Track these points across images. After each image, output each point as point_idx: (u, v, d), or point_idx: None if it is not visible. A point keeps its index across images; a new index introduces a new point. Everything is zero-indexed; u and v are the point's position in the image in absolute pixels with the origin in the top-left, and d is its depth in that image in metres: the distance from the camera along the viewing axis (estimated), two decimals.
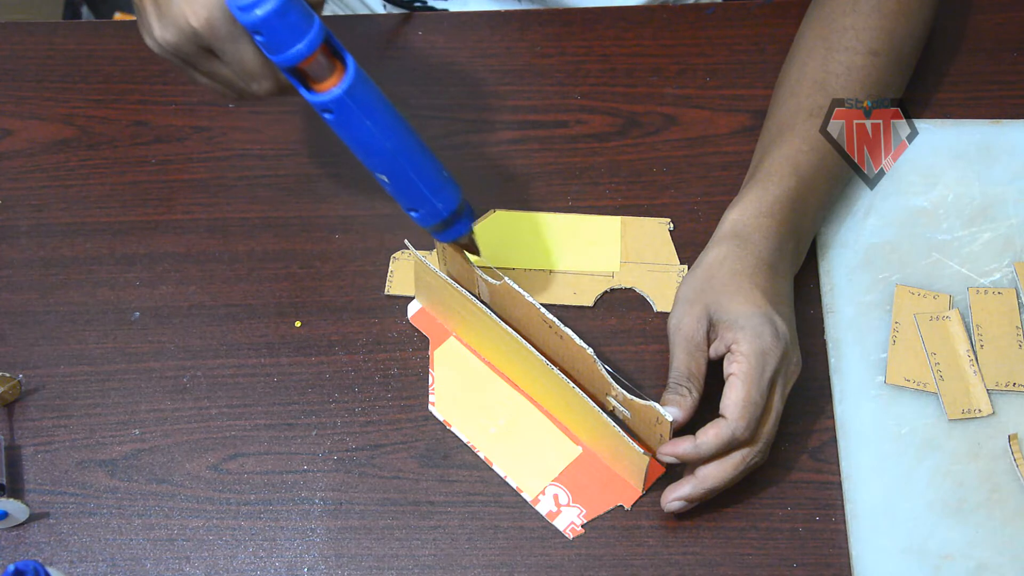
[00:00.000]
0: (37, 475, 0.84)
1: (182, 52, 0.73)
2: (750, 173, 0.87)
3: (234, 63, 0.72)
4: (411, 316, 0.88)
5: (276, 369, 0.87)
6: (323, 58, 0.70)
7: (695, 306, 0.80)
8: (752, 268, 0.81)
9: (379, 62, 0.99)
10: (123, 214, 0.93)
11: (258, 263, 0.91)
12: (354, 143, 0.74)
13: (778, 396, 0.79)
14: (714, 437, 0.77)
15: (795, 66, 0.90)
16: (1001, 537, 0.81)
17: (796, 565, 0.81)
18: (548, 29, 1.00)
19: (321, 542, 0.82)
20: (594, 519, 0.82)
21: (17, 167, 0.95)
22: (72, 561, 0.81)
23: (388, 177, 0.76)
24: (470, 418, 0.85)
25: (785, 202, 0.84)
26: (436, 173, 0.78)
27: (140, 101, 0.97)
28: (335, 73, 0.71)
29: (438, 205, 0.78)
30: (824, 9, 0.91)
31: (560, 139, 0.96)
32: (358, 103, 0.72)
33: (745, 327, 0.78)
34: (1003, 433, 0.83)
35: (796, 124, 0.87)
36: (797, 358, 0.81)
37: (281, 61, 0.69)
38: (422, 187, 0.77)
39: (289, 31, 0.68)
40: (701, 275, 0.82)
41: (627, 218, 0.92)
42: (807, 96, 0.88)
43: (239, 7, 0.67)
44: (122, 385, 0.87)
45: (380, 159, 0.75)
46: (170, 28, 0.71)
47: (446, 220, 0.80)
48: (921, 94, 0.96)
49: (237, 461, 0.84)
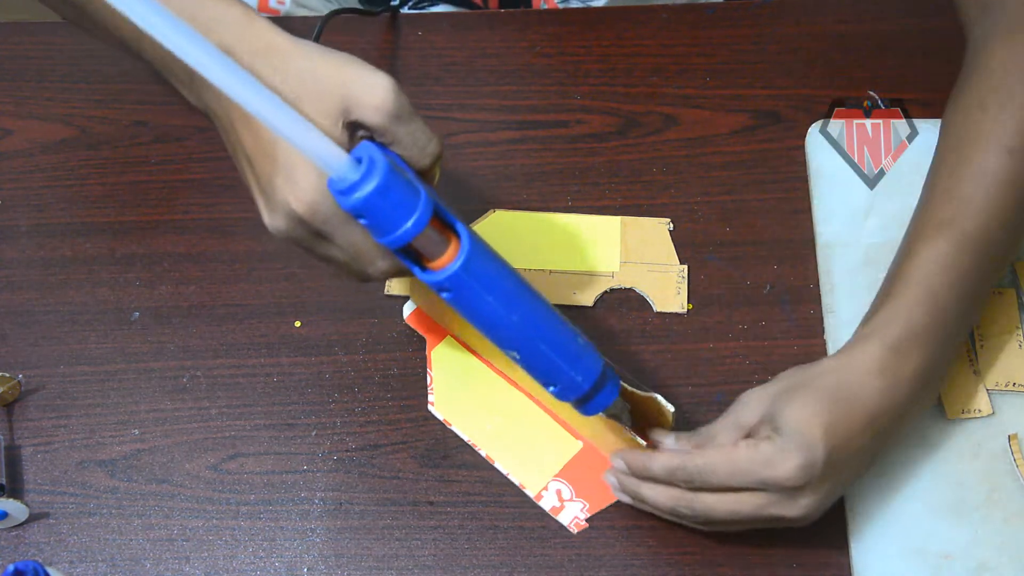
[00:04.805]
0: (37, 475, 0.84)
1: (294, 237, 0.69)
2: (880, 294, 0.81)
3: (346, 246, 0.68)
4: (407, 317, 0.88)
5: (276, 369, 0.87)
6: (434, 233, 0.65)
7: (766, 402, 0.76)
8: (842, 404, 0.75)
9: (379, 62, 0.99)
10: (123, 214, 0.93)
11: (258, 263, 0.91)
12: (477, 320, 0.68)
13: (750, 506, 0.75)
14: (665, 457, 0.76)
15: (928, 175, 0.83)
16: (1001, 537, 0.81)
17: (796, 565, 0.81)
18: (548, 29, 1.00)
19: (321, 542, 0.82)
20: (597, 515, 0.82)
21: (17, 167, 0.95)
22: (72, 561, 0.81)
23: (519, 353, 0.69)
24: (470, 417, 0.85)
25: (911, 338, 0.76)
26: (571, 341, 0.70)
27: (140, 101, 0.97)
28: (449, 248, 0.65)
29: (577, 378, 0.71)
30: (954, 110, 0.83)
31: (560, 139, 0.96)
32: (476, 278, 0.65)
33: (786, 431, 0.73)
34: (1003, 433, 0.83)
35: (924, 239, 0.79)
36: (805, 512, 0.75)
37: (389, 243, 0.63)
38: (557, 360, 0.70)
39: (393, 211, 0.62)
40: (794, 382, 0.76)
41: (627, 218, 0.92)
42: (936, 207, 0.80)
43: (339, 191, 0.62)
44: (122, 385, 0.87)
45: (507, 334, 0.68)
46: (278, 215, 0.68)
47: (587, 393, 0.72)
48: (921, 94, 0.96)
49: (237, 461, 0.84)
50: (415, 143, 0.67)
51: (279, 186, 0.67)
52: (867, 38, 0.99)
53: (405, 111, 0.67)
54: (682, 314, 0.88)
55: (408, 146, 0.67)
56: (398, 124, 0.67)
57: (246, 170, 0.69)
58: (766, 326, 0.88)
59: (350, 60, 0.67)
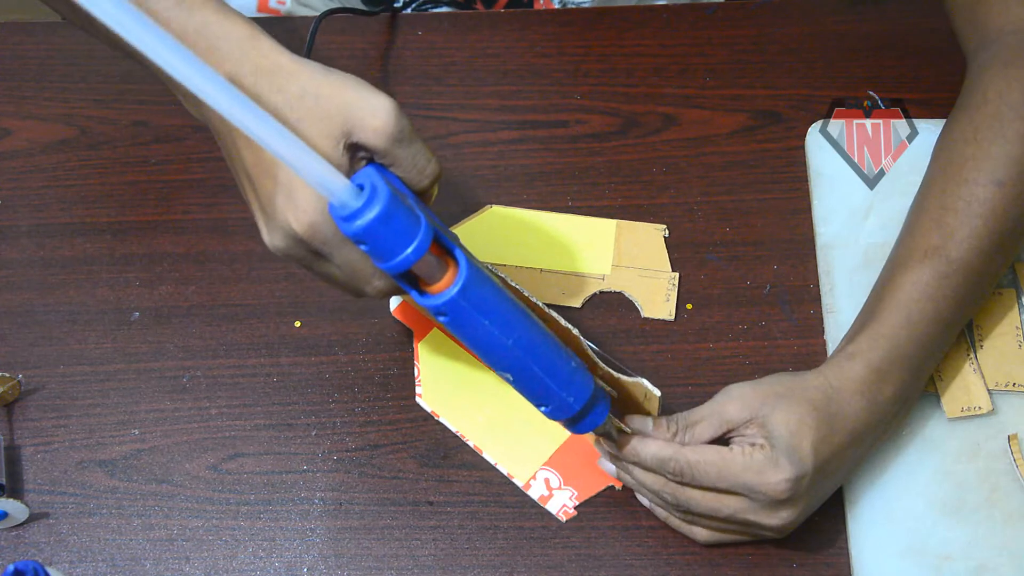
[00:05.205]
0: (37, 475, 0.84)
1: (293, 256, 0.69)
2: (863, 314, 0.82)
3: (344, 266, 0.68)
4: (393, 310, 0.88)
5: (276, 369, 0.87)
6: (433, 258, 0.65)
7: (754, 403, 0.77)
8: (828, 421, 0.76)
9: (379, 62, 0.99)
10: (122, 214, 0.93)
11: (258, 263, 0.91)
12: (473, 343, 0.69)
13: (730, 509, 0.76)
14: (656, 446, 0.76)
15: (915, 201, 0.84)
16: (1001, 537, 0.81)
17: (796, 565, 0.81)
18: (547, 29, 1.00)
19: (321, 542, 0.82)
20: (596, 515, 0.82)
21: (17, 167, 0.95)
22: (72, 561, 0.81)
23: (512, 375, 0.71)
24: (458, 408, 0.85)
25: (894, 361, 0.78)
26: (563, 365, 0.71)
27: (140, 101, 0.97)
28: (447, 272, 0.66)
29: (568, 399, 0.72)
30: (945, 139, 0.85)
31: (560, 139, 0.96)
32: (473, 303, 0.66)
33: (778, 443, 0.75)
34: (1003, 433, 0.83)
35: (909, 266, 0.81)
36: (782, 524, 0.76)
37: (389, 269, 0.64)
38: (549, 382, 0.71)
39: (394, 238, 0.62)
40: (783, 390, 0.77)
41: (622, 222, 0.92)
42: (923, 235, 0.81)
43: (340, 217, 0.62)
44: (122, 385, 0.87)
45: (501, 358, 0.69)
46: (277, 234, 0.68)
47: (578, 413, 0.73)
48: (921, 94, 0.96)
49: (237, 461, 0.84)
50: (415, 165, 0.68)
51: (279, 205, 0.67)
52: (867, 38, 0.99)
53: (406, 134, 0.67)
54: (669, 320, 0.88)
55: (408, 168, 0.68)
56: (399, 147, 0.67)
57: (246, 187, 0.70)
58: (766, 326, 0.88)
59: (352, 81, 0.67)
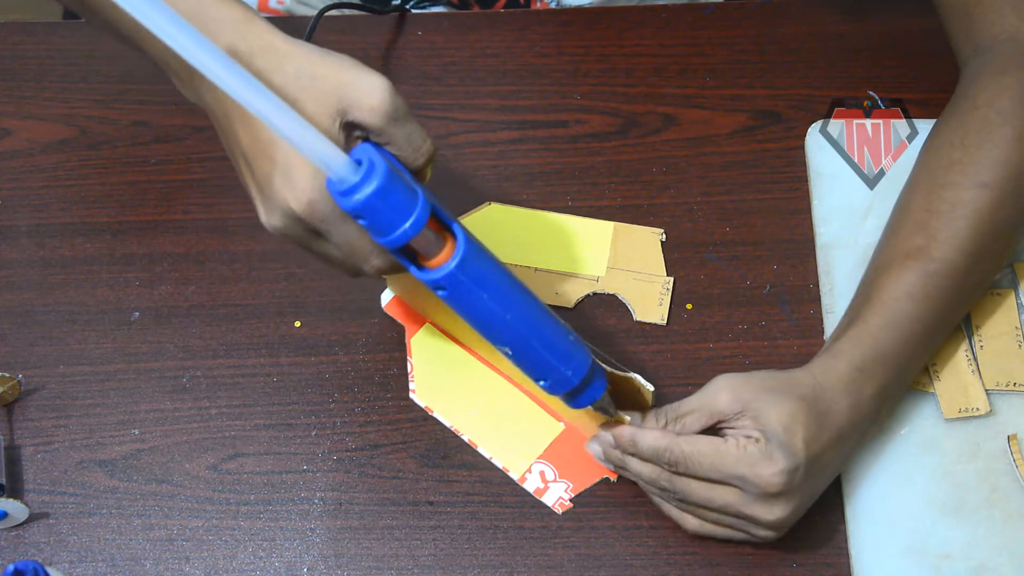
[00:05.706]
0: (37, 475, 0.84)
1: (291, 235, 0.69)
2: (849, 313, 0.83)
3: (342, 244, 0.68)
4: (384, 305, 0.88)
5: (276, 369, 0.87)
6: (431, 233, 0.65)
7: (746, 396, 0.77)
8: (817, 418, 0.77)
9: (379, 62, 0.99)
10: (122, 214, 0.93)
11: (258, 263, 0.91)
12: (471, 317, 0.69)
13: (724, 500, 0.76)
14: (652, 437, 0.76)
15: (899, 203, 0.85)
16: (1001, 537, 0.81)
17: (796, 565, 0.81)
18: (547, 29, 1.00)
19: (321, 542, 0.82)
20: (597, 515, 0.82)
21: (17, 167, 0.95)
22: (72, 561, 0.81)
23: (511, 349, 0.71)
24: (451, 402, 0.85)
25: (876, 360, 0.79)
26: (562, 339, 0.72)
27: (140, 101, 0.97)
28: (445, 247, 0.66)
29: (567, 373, 0.72)
30: (933, 142, 0.85)
31: (559, 139, 0.96)
32: (471, 277, 0.67)
33: (772, 437, 0.75)
34: (1002, 433, 0.83)
35: (893, 267, 0.81)
36: (774, 519, 0.76)
37: (387, 243, 0.64)
38: (548, 356, 0.71)
39: (392, 212, 0.63)
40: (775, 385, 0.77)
41: (620, 224, 0.92)
42: (907, 236, 0.82)
43: (338, 192, 0.63)
44: (122, 385, 0.87)
45: (501, 331, 0.70)
46: (275, 213, 0.68)
47: (577, 387, 0.74)
48: (921, 94, 0.96)
49: (236, 461, 0.84)
50: (410, 143, 0.68)
51: (277, 185, 0.67)
52: (867, 38, 0.99)
53: (401, 112, 0.67)
54: (661, 324, 0.88)
55: (403, 146, 0.68)
56: (394, 125, 0.67)
57: (243, 169, 0.70)
58: (766, 326, 0.88)
59: (348, 61, 0.67)
